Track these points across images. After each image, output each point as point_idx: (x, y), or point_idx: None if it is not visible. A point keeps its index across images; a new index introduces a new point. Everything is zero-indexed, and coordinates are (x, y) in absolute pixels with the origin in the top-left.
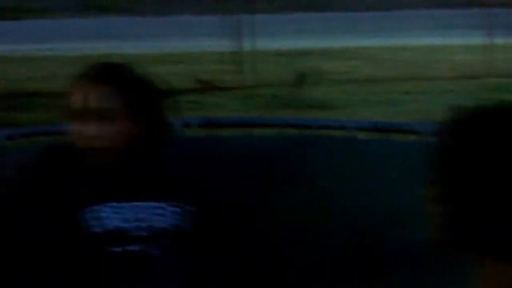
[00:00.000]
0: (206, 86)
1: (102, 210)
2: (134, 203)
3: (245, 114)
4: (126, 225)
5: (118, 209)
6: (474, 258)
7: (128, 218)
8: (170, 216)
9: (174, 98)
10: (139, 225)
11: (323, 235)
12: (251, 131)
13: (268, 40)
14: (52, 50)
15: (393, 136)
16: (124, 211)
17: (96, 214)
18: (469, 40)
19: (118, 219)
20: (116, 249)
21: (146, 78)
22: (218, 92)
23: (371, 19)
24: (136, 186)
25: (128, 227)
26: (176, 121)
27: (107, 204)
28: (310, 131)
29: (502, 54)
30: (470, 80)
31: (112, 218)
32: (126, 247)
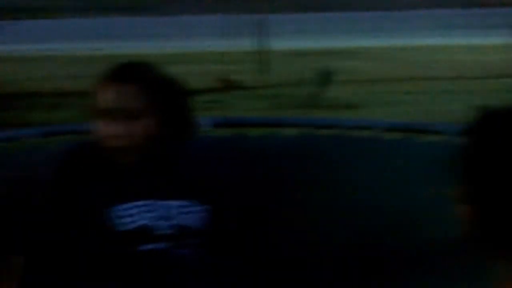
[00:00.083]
0: (226, 85)
1: (129, 208)
2: (161, 202)
3: (266, 114)
4: (153, 223)
5: (145, 207)
6: (500, 257)
7: (155, 216)
8: (197, 215)
9: (194, 97)
10: (166, 223)
11: (346, 235)
12: (275, 131)
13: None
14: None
15: (415, 136)
16: (151, 210)
17: (123, 213)
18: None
19: (145, 218)
20: (143, 247)
21: (170, 78)
22: (238, 91)
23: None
24: (162, 185)
25: (155, 225)
26: (200, 120)
27: (134, 202)
28: (332, 131)
29: None
30: (490, 80)
31: (139, 216)
32: (153, 245)
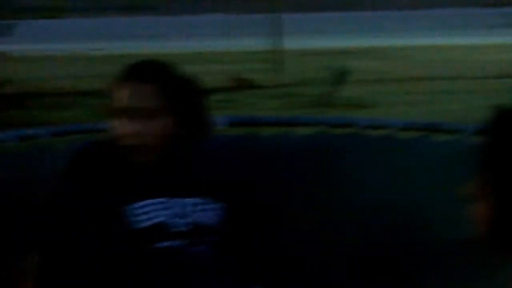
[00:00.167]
0: (240, 84)
1: (144, 206)
2: (176, 199)
3: (280, 113)
4: (168, 220)
5: (160, 205)
6: None
7: (170, 214)
8: (212, 212)
9: (208, 96)
10: (182, 221)
11: (359, 235)
12: (288, 130)
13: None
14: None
15: (433, 135)
16: (166, 207)
17: (138, 210)
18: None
19: (161, 215)
20: (158, 244)
21: (187, 77)
22: (252, 90)
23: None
24: (177, 182)
25: (170, 223)
26: (214, 119)
27: (149, 200)
28: (347, 130)
29: None
30: (508, 79)
31: (154, 214)
32: (169, 243)
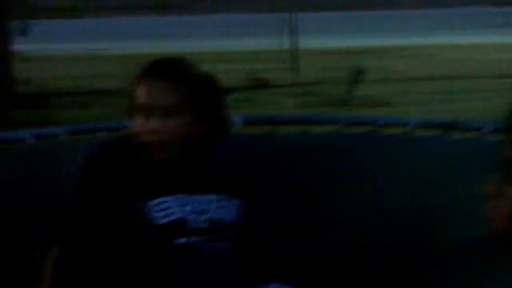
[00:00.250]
0: (257, 83)
1: (163, 202)
2: (195, 196)
3: (297, 112)
4: (187, 217)
5: (178, 201)
6: None
7: (189, 210)
8: (230, 209)
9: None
10: (200, 217)
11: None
12: (306, 129)
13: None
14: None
15: (452, 133)
16: (185, 204)
17: (157, 207)
18: None
19: (179, 212)
20: (178, 240)
21: (206, 75)
22: (269, 89)
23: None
24: (196, 179)
25: (189, 219)
26: (231, 118)
27: (169, 196)
28: (364, 128)
29: None
30: None
31: (173, 210)
32: (187, 239)
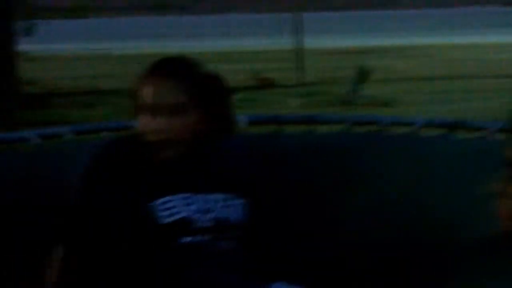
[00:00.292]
0: (262, 83)
1: (170, 201)
2: (200, 195)
3: (303, 111)
4: (192, 216)
5: (184, 200)
6: None
7: (194, 209)
8: (236, 208)
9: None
10: (206, 216)
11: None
12: (311, 129)
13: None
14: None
15: (457, 133)
16: (190, 203)
17: (163, 206)
18: None
19: (185, 210)
20: (183, 239)
21: (213, 74)
22: (274, 89)
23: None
24: (201, 178)
25: (194, 218)
26: (236, 117)
27: (175, 195)
28: (369, 127)
29: None
30: None
31: (178, 209)
32: (193, 238)
